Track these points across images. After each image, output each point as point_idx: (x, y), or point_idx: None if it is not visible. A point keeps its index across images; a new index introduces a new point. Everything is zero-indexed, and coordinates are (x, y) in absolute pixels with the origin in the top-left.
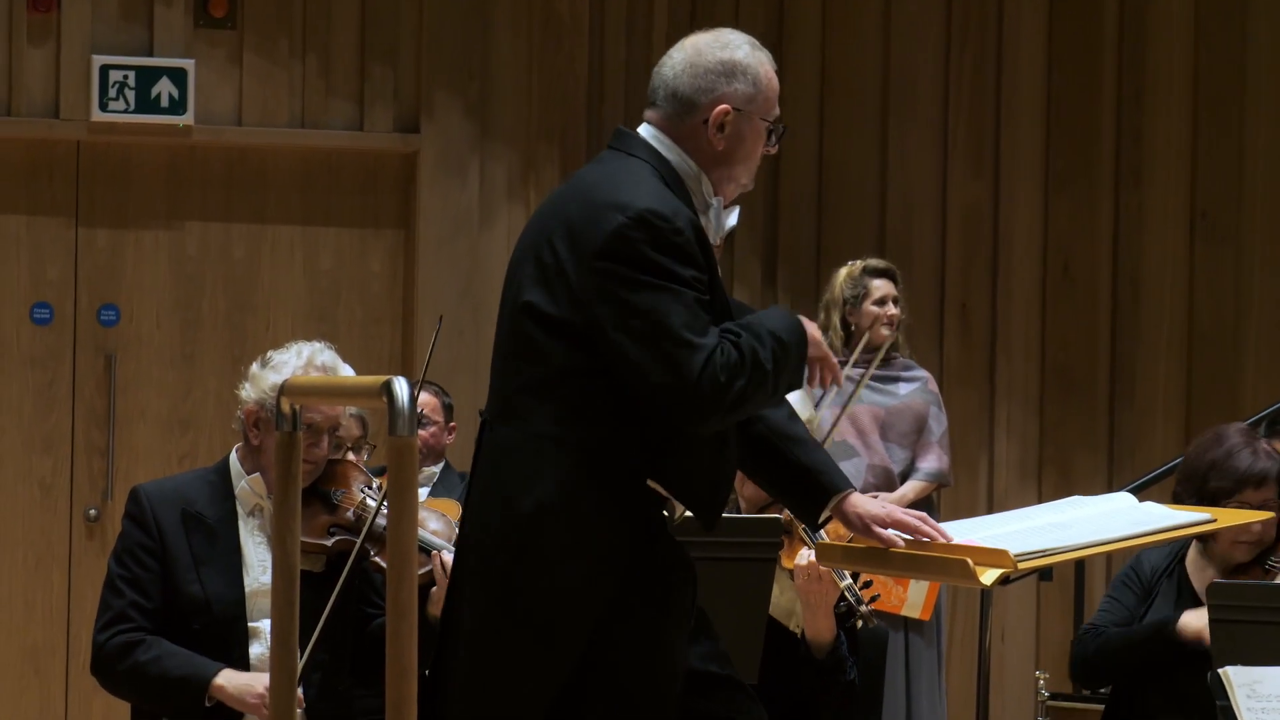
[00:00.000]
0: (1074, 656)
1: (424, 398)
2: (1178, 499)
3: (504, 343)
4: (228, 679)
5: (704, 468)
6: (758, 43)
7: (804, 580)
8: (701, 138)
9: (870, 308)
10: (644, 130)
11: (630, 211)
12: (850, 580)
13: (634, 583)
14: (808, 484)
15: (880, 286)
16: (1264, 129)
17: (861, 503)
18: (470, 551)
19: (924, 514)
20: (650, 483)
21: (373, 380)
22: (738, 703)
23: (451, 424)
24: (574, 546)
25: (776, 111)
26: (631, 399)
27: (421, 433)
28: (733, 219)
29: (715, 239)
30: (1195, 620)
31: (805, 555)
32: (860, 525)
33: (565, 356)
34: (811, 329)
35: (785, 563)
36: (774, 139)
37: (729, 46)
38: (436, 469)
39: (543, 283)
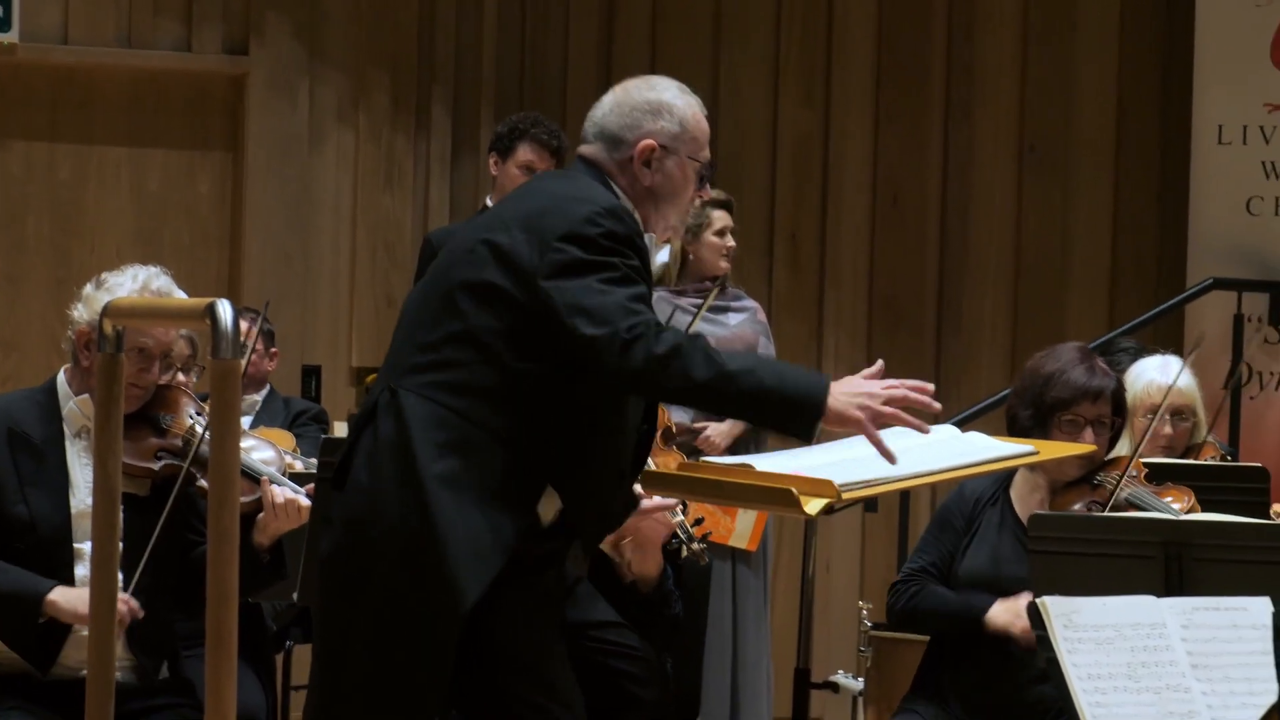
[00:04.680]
0: (889, 605)
1: (242, 325)
2: (1012, 413)
3: (425, 314)
4: (61, 594)
5: (602, 494)
6: (686, 88)
7: (636, 518)
8: (630, 173)
9: (711, 239)
10: (580, 165)
11: (601, 203)
12: (682, 517)
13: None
14: None
15: (720, 218)
16: (1092, 64)
17: None
18: (358, 495)
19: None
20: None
21: (196, 303)
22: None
23: (273, 349)
24: (471, 524)
25: (706, 154)
26: (563, 403)
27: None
28: (663, 255)
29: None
30: (1002, 615)
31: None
32: None
33: (506, 345)
34: (865, 385)
35: None
36: (704, 181)
37: (656, 88)
38: (259, 396)
39: (499, 263)
